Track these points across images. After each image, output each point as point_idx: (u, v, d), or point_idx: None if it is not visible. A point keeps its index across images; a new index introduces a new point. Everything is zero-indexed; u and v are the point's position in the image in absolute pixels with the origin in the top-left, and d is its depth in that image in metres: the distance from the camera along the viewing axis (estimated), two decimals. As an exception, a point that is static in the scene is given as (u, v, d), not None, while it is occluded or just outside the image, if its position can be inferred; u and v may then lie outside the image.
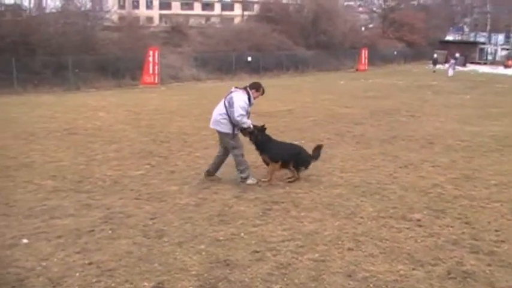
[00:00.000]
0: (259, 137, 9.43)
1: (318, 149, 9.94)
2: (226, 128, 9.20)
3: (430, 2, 76.75)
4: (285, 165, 9.56)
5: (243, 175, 9.44)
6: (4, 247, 6.48)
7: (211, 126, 9.47)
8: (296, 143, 11.00)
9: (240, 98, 9.09)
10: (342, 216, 7.66)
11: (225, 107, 9.16)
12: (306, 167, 9.74)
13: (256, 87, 9.45)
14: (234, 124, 9.14)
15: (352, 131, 15.06)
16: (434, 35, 67.25)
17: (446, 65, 44.70)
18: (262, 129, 9.53)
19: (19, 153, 12.04)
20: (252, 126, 9.30)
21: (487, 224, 7.37)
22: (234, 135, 9.27)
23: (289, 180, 9.59)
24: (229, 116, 9.10)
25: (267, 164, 9.59)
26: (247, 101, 9.16)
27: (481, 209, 8.08)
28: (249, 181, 9.42)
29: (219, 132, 9.39)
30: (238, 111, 8.97)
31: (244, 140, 9.62)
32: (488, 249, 6.46)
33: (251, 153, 9.86)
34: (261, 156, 9.61)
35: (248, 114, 9.32)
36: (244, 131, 9.35)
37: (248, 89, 9.33)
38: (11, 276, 5.69)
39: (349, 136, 14.31)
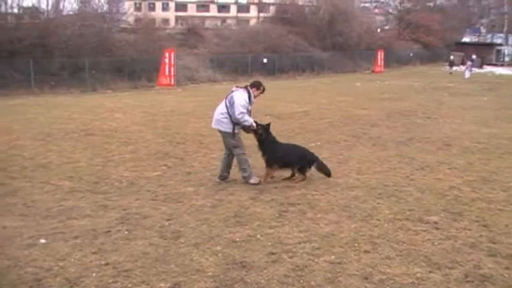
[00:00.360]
0: (263, 135, 9.51)
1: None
2: (227, 128, 9.33)
3: (447, 4, 76.28)
4: (288, 166, 9.67)
5: (245, 174, 9.56)
6: (22, 247, 6.54)
7: (213, 126, 9.61)
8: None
9: (240, 97, 9.20)
10: (359, 219, 7.63)
11: (226, 106, 9.28)
12: (310, 167, 9.77)
13: (257, 85, 9.56)
14: (235, 123, 9.25)
15: (368, 133, 15.01)
16: (451, 37, 66.90)
17: (463, 67, 44.41)
18: (267, 128, 9.63)
19: (36, 154, 12.14)
20: (254, 125, 9.41)
21: (504, 227, 7.30)
22: (234, 135, 9.37)
23: (297, 180, 9.67)
24: (230, 115, 9.23)
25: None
26: (247, 100, 9.27)
27: (498, 211, 8.01)
28: (252, 180, 9.52)
29: (221, 132, 9.50)
30: (239, 109, 9.08)
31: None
32: (506, 252, 6.39)
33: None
34: (262, 157, 9.69)
35: (249, 112, 9.40)
36: (247, 129, 9.44)
37: (249, 87, 9.44)
38: (28, 275, 5.73)
39: (366, 138, 14.25)
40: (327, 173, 9.87)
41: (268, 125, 9.70)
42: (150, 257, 6.22)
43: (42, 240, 6.74)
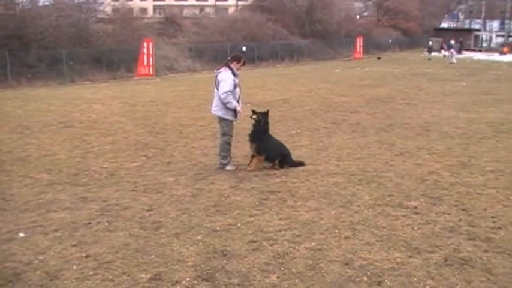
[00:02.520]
0: (262, 121, 9.58)
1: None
2: (227, 114, 9.47)
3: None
4: (269, 160, 9.72)
5: (224, 161, 9.72)
6: (0, 241, 6.46)
7: (213, 112, 9.75)
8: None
9: (224, 77, 9.34)
10: (339, 205, 7.65)
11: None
12: (290, 166, 9.78)
13: (237, 58, 9.69)
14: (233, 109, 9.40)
15: (348, 120, 15.06)
16: (430, 23, 67.31)
17: (443, 52, 44.73)
18: (266, 113, 9.71)
19: (14, 147, 12.00)
20: (239, 109, 9.48)
21: (483, 211, 7.37)
22: (231, 122, 9.56)
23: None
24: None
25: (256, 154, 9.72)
26: (231, 76, 9.39)
27: (477, 195, 8.08)
28: (228, 167, 9.69)
29: (219, 117, 9.61)
30: (223, 88, 9.24)
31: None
32: (485, 235, 6.46)
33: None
34: (251, 144, 9.69)
35: (237, 87, 9.50)
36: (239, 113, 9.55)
37: (229, 63, 9.53)
38: (8, 270, 5.67)
39: (345, 125, 14.30)
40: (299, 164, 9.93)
41: (267, 112, 9.78)
42: (130, 248, 6.19)
43: (21, 234, 6.67)
